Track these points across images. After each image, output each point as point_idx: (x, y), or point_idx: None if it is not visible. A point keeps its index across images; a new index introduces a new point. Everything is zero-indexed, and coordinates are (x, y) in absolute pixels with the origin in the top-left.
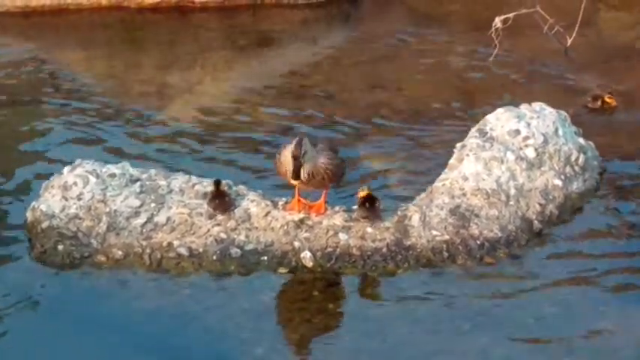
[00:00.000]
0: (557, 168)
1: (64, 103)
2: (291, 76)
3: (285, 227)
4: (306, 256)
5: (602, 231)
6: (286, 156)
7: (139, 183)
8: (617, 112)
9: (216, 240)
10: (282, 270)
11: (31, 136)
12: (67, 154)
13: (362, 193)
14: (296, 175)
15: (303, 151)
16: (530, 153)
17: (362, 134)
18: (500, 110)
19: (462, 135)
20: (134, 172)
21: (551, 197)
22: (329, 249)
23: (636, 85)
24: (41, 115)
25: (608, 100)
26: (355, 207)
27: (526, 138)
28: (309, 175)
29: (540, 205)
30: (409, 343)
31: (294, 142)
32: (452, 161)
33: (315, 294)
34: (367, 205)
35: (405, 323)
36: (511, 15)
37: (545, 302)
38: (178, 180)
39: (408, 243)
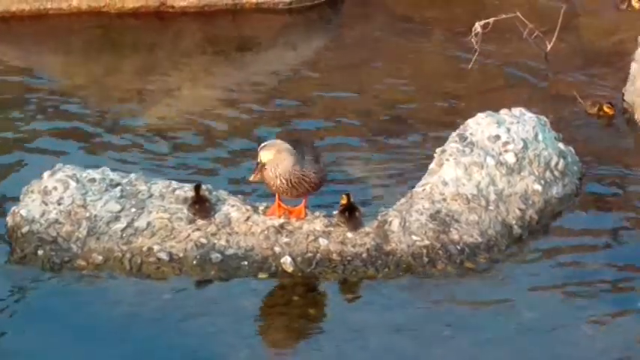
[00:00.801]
0: (537, 173)
1: (44, 107)
2: (270, 82)
3: (266, 232)
4: (287, 261)
5: (582, 236)
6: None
7: (119, 188)
8: (598, 117)
9: (196, 245)
10: (262, 275)
11: (11, 141)
12: (46, 158)
13: (342, 201)
14: (253, 173)
15: (263, 158)
16: (510, 158)
17: (342, 139)
18: (480, 115)
19: (442, 140)
20: (114, 176)
21: (530, 202)
22: (309, 254)
23: (616, 91)
24: (20, 119)
25: (606, 109)
26: (335, 212)
27: (506, 143)
28: (288, 184)
29: (520, 210)
30: (389, 348)
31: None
32: (432, 166)
33: (295, 299)
34: (347, 214)
35: (385, 328)
36: (491, 20)
37: (525, 307)
38: (158, 185)
39: (388, 248)
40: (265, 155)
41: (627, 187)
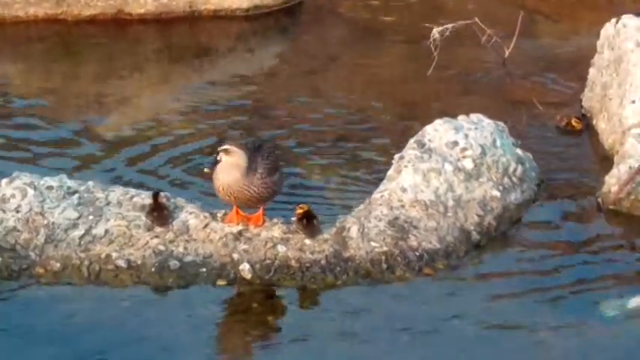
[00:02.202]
0: (495, 179)
1: (1, 115)
2: (228, 89)
3: (224, 239)
4: (245, 268)
5: (540, 242)
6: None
7: (76, 195)
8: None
9: (154, 252)
10: (220, 282)
11: None
12: (4, 167)
13: (299, 210)
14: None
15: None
16: (468, 164)
17: (299, 146)
18: (438, 121)
19: (401, 146)
20: (72, 184)
21: (489, 208)
22: (267, 261)
23: (574, 98)
24: None
25: (574, 123)
26: (293, 219)
27: (464, 149)
28: (227, 194)
29: (478, 216)
30: (348, 355)
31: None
32: (390, 172)
33: (254, 306)
34: (305, 222)
35: (344, 335)
36: (449, 26)
37: (483, 314)
38: (116, 192)
39: (347, 255)
40: (224, 157)
41: (585, 192)
